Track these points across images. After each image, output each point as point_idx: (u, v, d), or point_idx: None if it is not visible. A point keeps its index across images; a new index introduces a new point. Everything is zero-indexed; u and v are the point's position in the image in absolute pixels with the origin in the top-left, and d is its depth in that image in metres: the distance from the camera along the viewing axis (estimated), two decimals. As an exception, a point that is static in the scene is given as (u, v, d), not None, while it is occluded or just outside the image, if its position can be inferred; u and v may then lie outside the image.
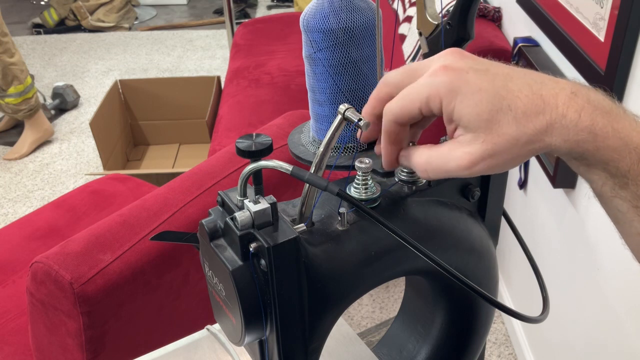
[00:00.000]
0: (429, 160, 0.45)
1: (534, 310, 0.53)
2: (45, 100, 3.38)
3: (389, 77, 0.46)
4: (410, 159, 0.47)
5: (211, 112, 2.60)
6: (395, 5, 2.44)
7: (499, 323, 1.89)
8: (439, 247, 0.55)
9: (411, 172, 0.54)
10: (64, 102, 3.34)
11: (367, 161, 0.50)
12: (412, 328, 0.71)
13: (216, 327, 0.82)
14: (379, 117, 0.47)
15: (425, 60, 0.45)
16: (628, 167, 0.40)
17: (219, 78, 2.81)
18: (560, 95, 0.40)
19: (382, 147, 0.48)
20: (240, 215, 0.44)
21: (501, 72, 0.42)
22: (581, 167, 0.43)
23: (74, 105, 3.40)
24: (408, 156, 0.47)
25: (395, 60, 1.99)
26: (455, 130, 0.43)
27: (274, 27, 3.00)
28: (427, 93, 0.42)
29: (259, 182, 0.47)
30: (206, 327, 0.82)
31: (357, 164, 0.50)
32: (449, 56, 0.43)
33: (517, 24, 1.62)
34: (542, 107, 0.40)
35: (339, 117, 0.47)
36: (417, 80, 0.44)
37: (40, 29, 4.53)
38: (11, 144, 3.06)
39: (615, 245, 0.88)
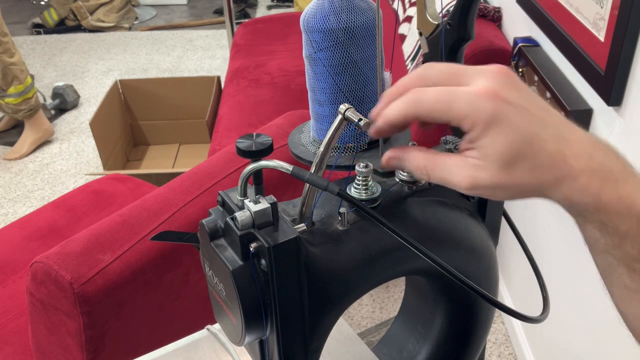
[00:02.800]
0: (434, 165, 0.44)
1: (534, 310, 0.53)
2: (45, 100, 3.38)
3: (428, 72, 0.44)
4: (409, 158, 0.45)
5: (211, 112, 2.60)
6: (395, 5, 2.44)
7: (499, 323, 1.89)
8: (439, 247, 0.55)
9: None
10: (64, 102, 3.34)
11: (367, 164, 0.50)
12: (412, 328, 0.71)
13: (216, 327, 0.82)
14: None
15: (470, 68, 0.43)
16: (627, 228, 0.40)
17: (219, 78, 2.81)
18: (581, 159, 0.40)
19: (379, 112, 0.45)
20: (240, 215, 0.44)
21: (538, 115, 0.41)
22: (578, 218, 0.43)
23: (74, 105, 3.40)
24: (407, 157, 0.45)
25: (395, 60, 1.99)
26: (469, 146, 0.42)
27: (274, 27, 3.00)
28: (467, 112, 0.41)
29: (260, 182, 0.47)
30: (206, 327, 0.82)
31: (357, 167, 0.50)
32: (499, 78, 0.42)
33: (517, 24, 1.62)
34: (561, 165, 0.40)
35: (339, 117, 0.47)
36: (460, 89, 0.42)
37: (40, 29, 4.52)
38: (11, 144, 3.05)
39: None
